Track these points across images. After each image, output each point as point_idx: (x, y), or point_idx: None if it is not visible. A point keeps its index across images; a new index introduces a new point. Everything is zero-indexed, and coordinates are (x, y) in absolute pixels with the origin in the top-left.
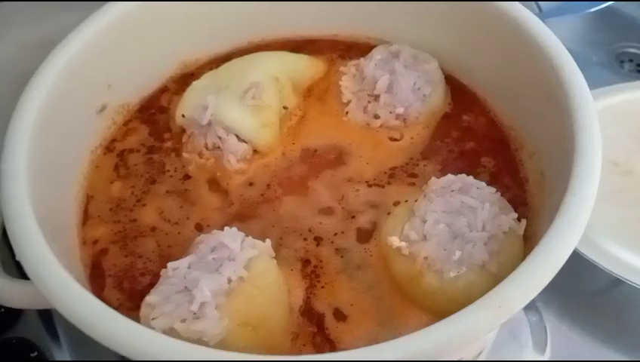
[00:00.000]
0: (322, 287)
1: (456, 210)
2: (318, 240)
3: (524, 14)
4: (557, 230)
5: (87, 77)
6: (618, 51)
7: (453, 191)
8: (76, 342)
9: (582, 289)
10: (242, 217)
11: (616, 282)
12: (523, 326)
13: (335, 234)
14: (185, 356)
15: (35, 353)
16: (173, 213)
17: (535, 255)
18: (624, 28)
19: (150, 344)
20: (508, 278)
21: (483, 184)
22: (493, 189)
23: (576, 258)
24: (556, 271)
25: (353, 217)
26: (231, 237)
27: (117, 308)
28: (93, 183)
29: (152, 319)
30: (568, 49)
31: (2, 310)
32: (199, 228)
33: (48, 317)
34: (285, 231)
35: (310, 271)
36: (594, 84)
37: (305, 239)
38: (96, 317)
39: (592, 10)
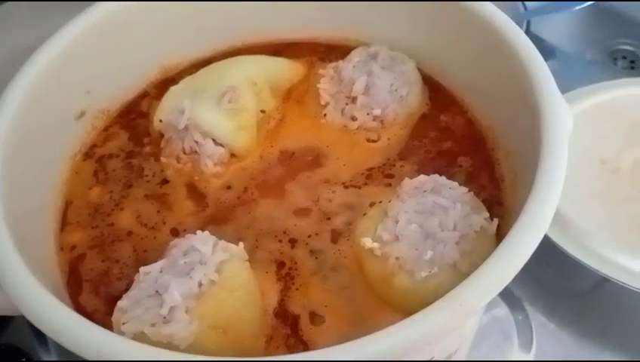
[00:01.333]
0: (297, 289)
1: (428, 210)
2: (292, 241)
3: (496, 14)
4: (518, 229)
5: (64, 83)
6: (611, 48)
7: (425, 191)
8: (65, 347)
9: (569, 289)
10: (218, 220)
11: (603, 281)
12: (509, 325)
13: (310, 236)
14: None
15: (24, 359)
16: (150, 218)
17: (497, 254)
18: (617, 25)
19: (116, 349)
20: (469, 277)
21: (455, 184)
22: (465, 189)
23: (562, 257)
24: (518, 270)
25: (329, 218)
26: (202, 241)
27: (93, 314)
28: (72, 189)
29: (123, 323)
30: (561, 45)
31: None
32: (175, 233)
33: None
34: (261, 234)
35: (285, 274)
36: (587, 81)
37: (280, 241)
38: (62, 323)
39: (577, 8)
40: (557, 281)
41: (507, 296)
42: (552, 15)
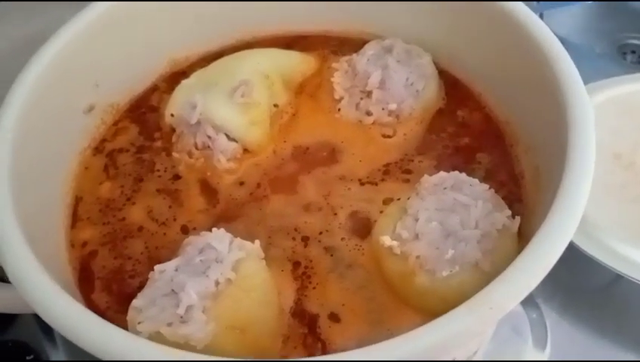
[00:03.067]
0: (314, 288)
1: (448, 207)
2: (305, 239)
3: (519, 8)
4: (548, 229)
5: (72, 76)
6: (620, 43)
7: (445, 188)
8: (72, 344)
9: (583, 286)
10: (229, 217)
11: (617, 278)
12: (523, 323)
13: (324, 233)
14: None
15: (32, 356)
16: (162, 213)
17: (526, 254)
18: (626, 19)
19: (132, 350)
20: (498, 278)
21: (476, 181)
22: (486, 186)
23: (577, 254)
24: (548, 271)
25: (345, 216)
26: (218, 238)
27: (105, 311)
28: (82, 184)
29: (138, 323)
30: (570, 40)
31: None
32: (185, 231)
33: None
34: (274, 231)
35: (301, 273)
36: (596, 75)
37: (293, 238)
38: (77, 322)
39: (589, 1)
40: (571, 279)
41: None
42: (564, 8)
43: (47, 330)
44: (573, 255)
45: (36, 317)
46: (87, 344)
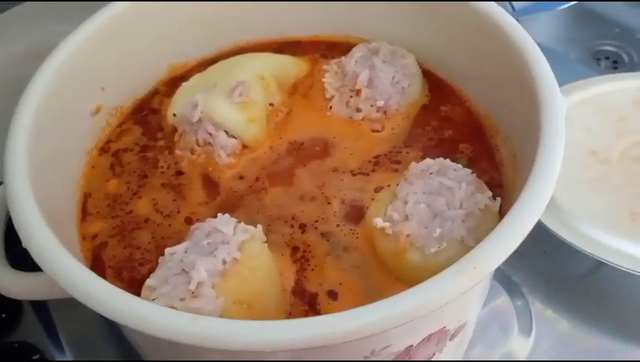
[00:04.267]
0: (312, 270)
1: (435, 190)
2: (303, 226)
3: (494, 10)
4: (523, 200)
5: (81, 81)
6: (595, 49)
7: (431, 173)
8: (78, 344)
9: (566, 274)
10: (230, 208)
11: (598, 265)
12: (508, 311)
13: (320, 221)
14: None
15: (37, 356)
16: (166, 206)
17: (505, 221)
18: (600, 26)
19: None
20: (480, 244)
21: (459, 166)
22: (469, 171)
23: (558, 243)
24: (523, 237)
25: (338, 204)
26: (224, 222)
27: None
28: (90, 182)
29: (153, 300)
30: (546, 46)
31: (4, 315)
32: (189, 222)
33: (49, 321)
34: (273, 220)
35: (300, 256)
36: (572, 79)
37: (291, 226)
38: (103, 294)
39: (564, 7)
40: (553, 268)
41: (506, 282)
42: (539, 15)
43: (52, 331)
44: (555, 245)
45: (41, 317)
46: (119, 316)
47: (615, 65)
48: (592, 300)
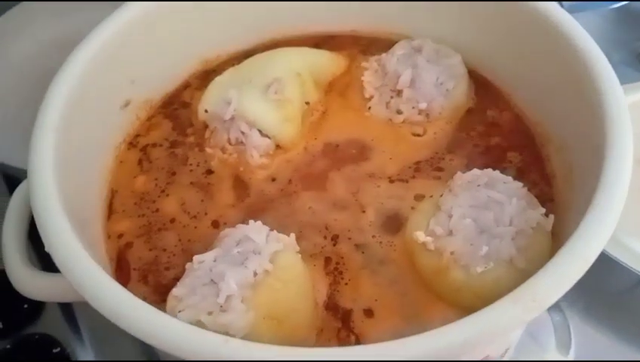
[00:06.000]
0: (346, 284)
1: (482, 204)
2: (335, 237)
3: (551, 8)
4: (589, 224)
5: (110, 73)
6: (638, 50)
7: (479, 185)
8: (99, 337)
9: (607, 289)
10: (259, 212)
11: None
12: (546, 327)
13: (353, 230)
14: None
15: (58, 349)
16: (194, 206)
17: (567, 248)
18: None
19: (182, 336)
20: (540, 272)
21: (509, 178)
22: (520, 184)
23: (601, 256)
24: (589, 265)
25: (375, 213)
26: (256, 230)
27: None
28: (117, 178)
29: (179, 311)
30: None
31: (26, 306)
32: (216, 225)
33: (70, 313)
34: (303, 226)
35: (333, 268)
36: None
37: (324, 237)
38: (126, 308)
39: (612, 7)
40: (595, 281)
41: None
42: (582, 14)
43: (73, 324)
44: (597, 257)
45: (62, 310)
46: (140, 332)
47: None
48: (634, 316)
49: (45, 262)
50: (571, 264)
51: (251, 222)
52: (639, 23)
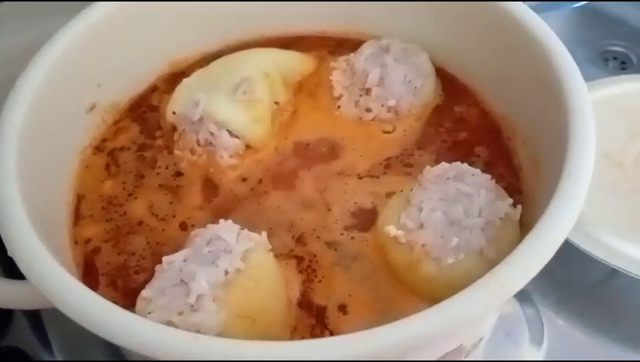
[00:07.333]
0: (319, 281)
1: (452, 197)
2: (303, 235)
3: (517, 6)
4: (554, 211)
5: (75, 76)
6: (602, 49)
7: (448, 178)
8: (68, 348)
9: (578, 282)
10: (228, 212)
11: (613, 273)
12: (519, 320)
13: (319, 229)
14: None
15: None
16: (162, 208)
17: (533, 235)
18: (607, 26)
19: (153, 336)
20: (506, 259)
21: (478, 171)
22: (488, 176)
23: (571, 250)
24: (554, 251)
25: (346, 209)
26: (227, 229)
27: None
28: (84, 183)
29: (149, 313)
30: None
31: None
32: (184, 227)
33: (39, 325)
34: (272, 225)
35: (306, 266)
36: None
37: (292, 236)
38: (96, 311)
39: (574, 6)
40: (567, 275)
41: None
42: (546, 14)
43: (42, 336)
44: (567, 251)
45: (31, 322)
46: (110, 334)
47: (623, 65)
48: (606, 309)
49: (6, 269)
50: (537, 250)
51: (222, 221)
52: (602, 23)
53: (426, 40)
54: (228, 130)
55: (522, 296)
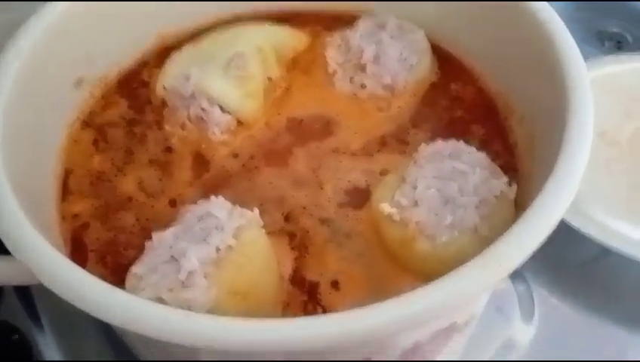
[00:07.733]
0: (312, 258)
1: (447, 175)
2: (294, 212)
3: None
4: (552, 189)
5: (62, 49)
6: (598, 29)
7: (443, 156)
8: (58, 322)
9: (571, 260)
10: (220, 188)
11: (605, 251)
12: (510, 296)
13: (312, 206)
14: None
15: (17, 336)
16: (152, 185)
17: (530, 213)
18: (604, 7)
19: (143, 312)
20: (504, 237)
21: (473, 149)
22: (483, 154)
23: (564, 227)
24: (551, 229)
25: (340, 186)
26: (218, 206)
27: None
28: (72, 158)
29: (140, 290)
30: None
31: None
32: (173, 204)
33: (29, 300)
34: (264, 201)
35: (298, 243)
36: None
37: (286, 210)
38: (84, 288)
39: None
40: (559, 253)
41: None
42: None
43: (32, 310)
44: (561, 229)
45: (20, 297)
46: (95, 309)
47: (619, 45)
48: (598, 287)
49: None
50: (535, 228)
51: (213, 197)
52: (598, 3)
53: (422, 17)
54: (220, 106)
55: (514, 273)
